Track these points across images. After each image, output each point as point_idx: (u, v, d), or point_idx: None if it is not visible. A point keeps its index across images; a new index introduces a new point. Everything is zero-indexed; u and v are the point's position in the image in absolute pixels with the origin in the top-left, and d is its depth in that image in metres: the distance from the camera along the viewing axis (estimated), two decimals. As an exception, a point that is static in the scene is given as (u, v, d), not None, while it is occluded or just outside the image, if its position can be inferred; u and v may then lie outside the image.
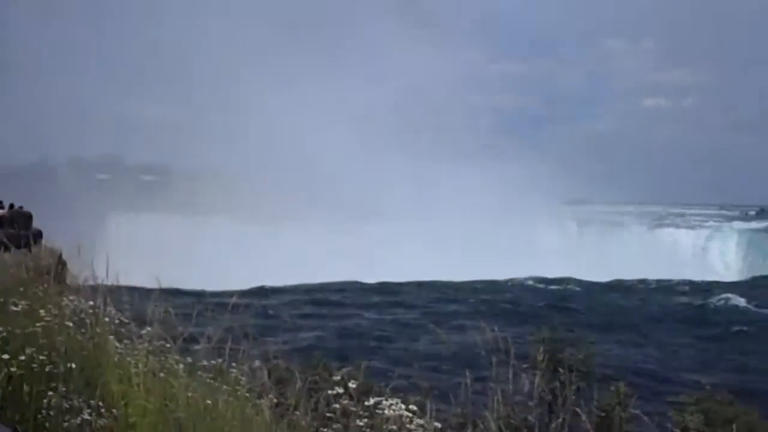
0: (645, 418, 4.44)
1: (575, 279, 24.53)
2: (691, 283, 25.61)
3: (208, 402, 3.48)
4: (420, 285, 22.14)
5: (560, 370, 5.93)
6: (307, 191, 44.21)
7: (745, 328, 16.54)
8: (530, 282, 23.95)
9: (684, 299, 21.13)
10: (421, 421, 3.86)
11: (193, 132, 57.83)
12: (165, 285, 4.93)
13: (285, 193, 43.00)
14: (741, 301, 20.44)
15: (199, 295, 12.91)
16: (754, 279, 29.52)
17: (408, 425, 3.81)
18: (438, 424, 4.38)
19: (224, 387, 4.05)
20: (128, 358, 3.73)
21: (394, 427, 3.74)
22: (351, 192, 43.54)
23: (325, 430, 3.82)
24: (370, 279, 22.68)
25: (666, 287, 24.03)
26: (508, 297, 20.67)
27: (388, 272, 23.45)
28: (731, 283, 27.09)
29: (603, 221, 49.62)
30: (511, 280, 24.21)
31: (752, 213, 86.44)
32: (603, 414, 5.83)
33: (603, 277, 25.68)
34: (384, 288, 21.72)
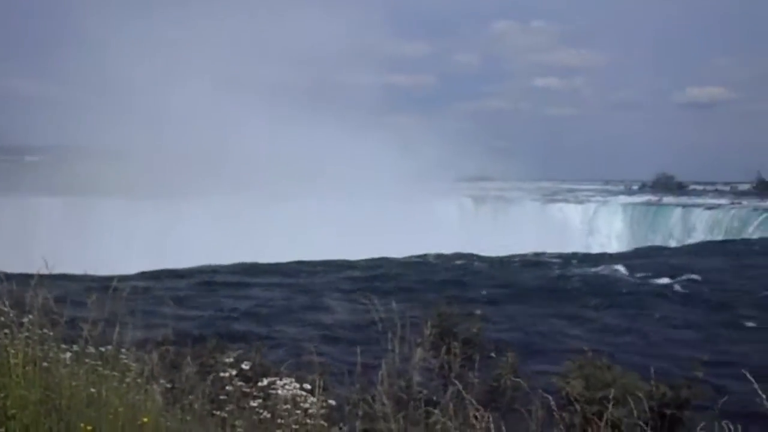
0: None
1: (472, 254, 25.12)
2: (580, 255, 26.76)
3: (92, 390, 3.37)
4: (317, 264, 22.07)
5: (453, 343, 6.13)
6: (203, 168, 43.16)
7: (626, 296, 17.52)
8: (428, 258, 24.36)
9: (574, 270, 22.04)
10: (314, 399, 3.89)
11: (74, 109, 55.24)
12: (53, 270, 4.70)
13: (179, 171, 41.80)
14: (624, 271, 21.56)
15: (88, 280, 12.38)
16: (636, 250, 31.25)
17: (302, 404, 3.83)
18: (333, 402, 4.42)
19: (113, 374, 3.93)
20: (8, 349, 3.55)
21: (288, 406, 3.75)
22: (246, 168, 42.82)
23: (218, 412, 3.79)
24: (269, 259, 22.44)
25: (557, 260, 24.98)
26: (405, 274, 20.95)
27: (286, 252, 23.27)
28: (616, 254, 28.50)
29: (498, 197, 51.00)
30: (408, 257, 24.50)
31: (635, 188, 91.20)
32: (494, 383, 6.05)
33: (499, 251, 26.43)
34: (281, 268, 21.54)
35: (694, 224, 43.32)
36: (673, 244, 39.32)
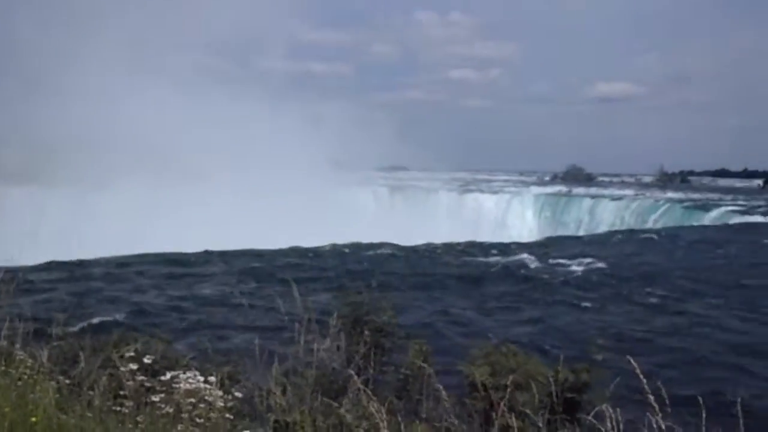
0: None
1: (389, 243, 25.27)
2: (493, 244, 27.34)
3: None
4: (228, 254, 21.68)
5: (365, 332, 6.15)
6: (114, 155, 41.73)
7: (536, 283, 18.05)
8: (344, 248, 24.34)
9: (487, 259, 22.54)
10: (219, 392, 3.82)
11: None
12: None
13: (90, 157, 40.30)
14: (535, 259, 22.22)
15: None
16: (548, 239, 32.21)
17: (207, 397, 3.75)
18: (239, 394, 4.35)
19: (9, 371, 3.75)
20: None
21: (193, 399, 3.67)
22: (158, 155, 41.64)
23: (117, 408, 3.66)
24: (180, 248, 21.89)
25: (473, 249, 25.46)
26: (318, 263, 20.89)
27: (197, 241, 22.76)
28: (528, 243, 29.29)
29: (414, 187, 51.51)
30: (323, 246, 24.43)
31: (547, 179, 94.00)
32: (407, 371, 6.10)
33: (415, 240, 26.71)
34: (191, 258, 21.05)
35: (602, 214, 45.07)
36: (582, 233, 40.80)
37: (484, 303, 15.28)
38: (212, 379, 3.87)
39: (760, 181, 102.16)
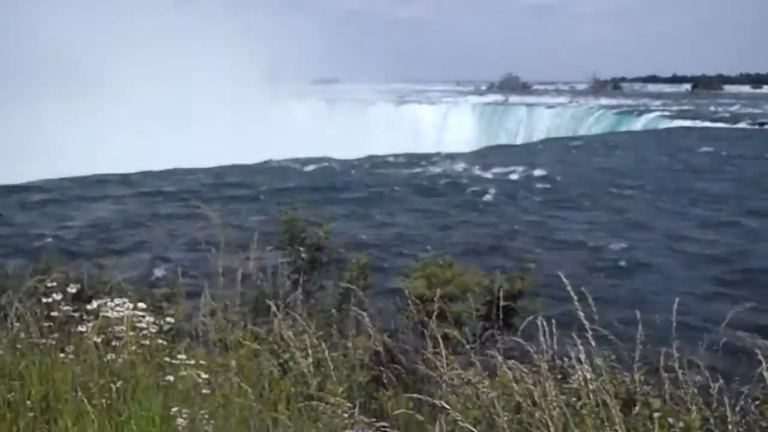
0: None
1: (328, 157, 25.08)
2: (432, 155, 27.40)
3: None
4: (162, 173, 21.12)
5: (301, 248, 6.09)
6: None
7: (474, 192, 18.26)
8: (285, 163, 24.05)
9: (429, 170, 22.60)
10: (151, 318, 3.72)
11: None
12: None
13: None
14: (474, 168, 22.42)
15: None
16: (485, 148, 32.49)
17: (138, 323, 3.65)
18: (171, 319, 4.26)
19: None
20: None
21: (123, 327, 3.57)
22: (62, 65, 39.57)
23: (44, 340, 3.54)
24: (109, 169, 21.19)
25: (412, 160, 25.48)
26: (262, 179, 20.60)
27: (123, 161, 22.08)
28: (466, 153, 29.44)
29: (352, 100, 50.75)
30: (264, 162, 24.09)
31: (484, 88, 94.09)
32: (345, 287, 6.10)
33: (355, 153, 26.55)
34: (123, 178, 20.44)
35: (538, 122, 45.56)
36: (519, 141, 41.27)
37: (424, 215, 15.40)
38: (142, 305, 3.75)
39: (688, 86, 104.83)
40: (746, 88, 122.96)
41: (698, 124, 40.21)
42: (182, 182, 19.94)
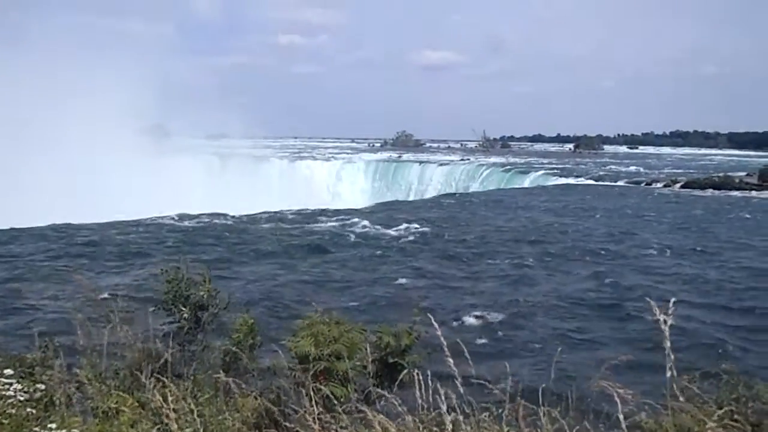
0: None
1: (221, 213, 24.69)
2: (327, 211, 27.49)
3: None
4: (36, 230, 20.06)
5: (184, 308, 5.92)
6: None
7: (367, 248, 18.40)
8: (174, 218, 23.44)
9: (323, 226, 22.61)
10: (19, 386, 3.52)
11: None
12: None
13: None
14: (367, 224, 22.63)
15: None
16: (378, 204, 32.92)
17: (3, 392, 3.44)
18: (42, 386, 4.03)
19: None
20: None
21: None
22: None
23: None
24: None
25: (306, 216, 25.45)
26: (141, 236, 19.94)
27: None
28: (360, 208, 29.73)
29: (246, 155, 50.43)
30: (147, 217, 23.39)
31: (378, 145, 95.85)
32: (232, 346, 5.97)
33: (248, 209, 26.29)
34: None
35: (430, 179, 46.79)
36: (412, 197, 42.17)
37: (316, 270, 15.34)
38: (9, 371, 3.54)
39: (571, 145, 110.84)
40: (623, 148, 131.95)
41: (581, 181, 42.60)
42: (64, 239, 18.98)
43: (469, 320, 11.18)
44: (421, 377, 3.25)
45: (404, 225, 22.47)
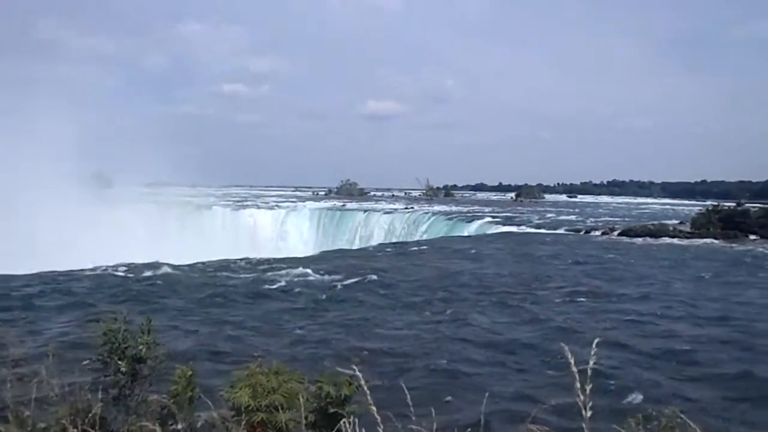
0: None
1: (162, 263, 24.22)
2: (269, 260, 27.28)
3: None
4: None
5: (120, 362, 5.77)
6: None
7: (310, 298, 18.27)
8: (111, 270, 22.87)
9: (266, 275, 22.39)
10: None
11: None
12: None
13: None
14: (312, 272, 22.51)
15: None
16: (323, 252, 32.84)
17: None
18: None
19: None
20: None
21: None
22: None
23: None
24: None
25: (249, 265, 25.20)
26: (78, 287, 19.40)
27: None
28: (304, 257, 29.60)
29: (187, 203, 49.82)
30: (91, 268, 22.80)
31: (322, 193, 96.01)
32: (171, 399, 5.83)
33: (189, 259, 25.90)
34: None
35: (375, 227, 46.99)
36: (356, 245, 42.20)
37: (257, 321, 15.13)
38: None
39: (513, 194, 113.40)
40: (563, 197, 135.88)
41: (523, 229, 43.45)
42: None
43: (410, 366, 11.18)
44: (357, 428, 3.24)
45: (348, 273, 22.46)
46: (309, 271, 22.91)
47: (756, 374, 10.92)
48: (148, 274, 22.29)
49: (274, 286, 20.10)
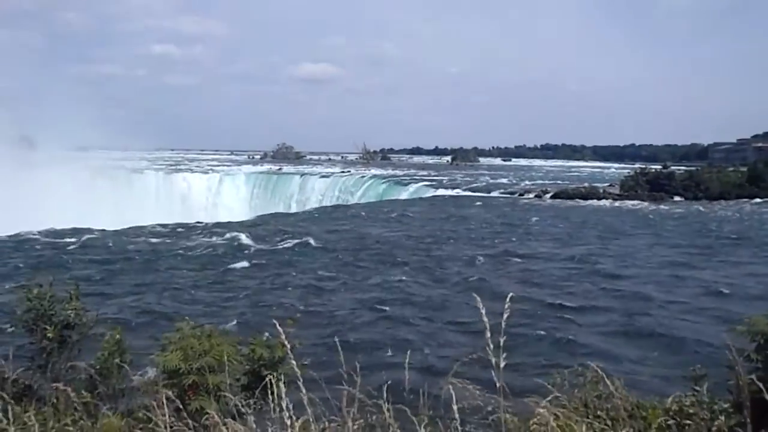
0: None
1: (91, 229, 23.58)
2: (206, 224, 26.88)
3: None
4: None
5: (47, 327, 5.62)
6: None
7: (250, 261, 18.12)
8: (40, 234, 22.15)
9: (200, 240, 22.05)
10: None
11: None
12: None
13: None
14: (247, 237, 22.28)
15: None
16: (258, 217, 32.51)
17: None
18: None
19: None
20: None
21: None
22: None
23: None
24: None
25: (182, 230, 24.77)
26: (12, 252, 18.77)
27: None
28: (241, 221, 29.25)
29: (118, 168, 48.42)
30: (16, 233, 22.02)
31: (258, 157, 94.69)
32: (99, 365, 5.72)
33: (121, 224, 25.29)
34: None
35: (311, 191, 46.72)
36: (293, 209, 41.90)
37: (190, 286, 14.94)
38: None
39: (448, 158, 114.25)
40: (498, 161, 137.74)
41: (459, 192, 43.95)
42: None
43: (342, 327, 11.30)
44: (291, 387, 3.26)
45: (284, 237, 22.34)
46: (244, 235, 22.67)
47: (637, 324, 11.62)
48: (74, 239, 21.67)
49: (209, 251, 19.85)
